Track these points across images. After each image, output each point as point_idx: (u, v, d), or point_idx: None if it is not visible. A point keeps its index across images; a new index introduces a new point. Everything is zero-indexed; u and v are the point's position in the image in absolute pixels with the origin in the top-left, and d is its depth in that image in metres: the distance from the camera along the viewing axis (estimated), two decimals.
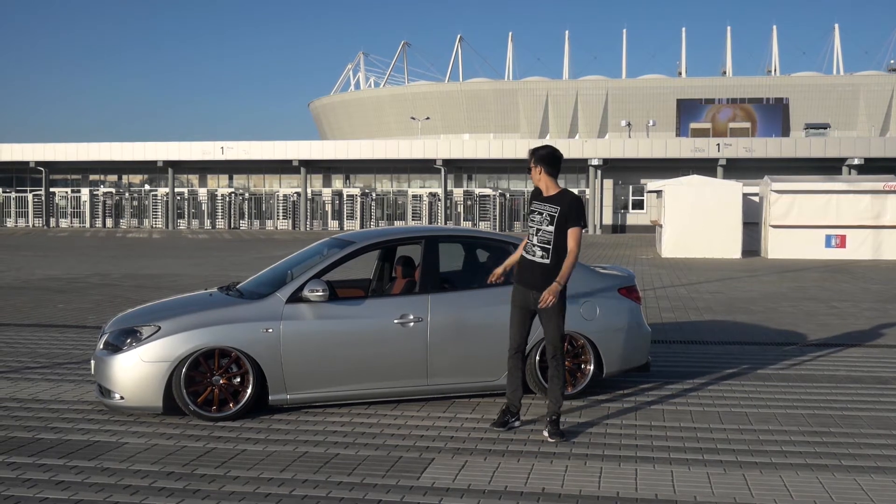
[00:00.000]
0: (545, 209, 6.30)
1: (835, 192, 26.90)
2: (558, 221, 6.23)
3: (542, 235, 6.28)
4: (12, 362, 9.09)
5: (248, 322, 6.78)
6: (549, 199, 6.33)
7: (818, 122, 63.48)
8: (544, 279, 6.25)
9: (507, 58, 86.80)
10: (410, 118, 73.11)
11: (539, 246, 6.29)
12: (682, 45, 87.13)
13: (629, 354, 7.77)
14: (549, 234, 6.25)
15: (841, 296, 16.23)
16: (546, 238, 6.26)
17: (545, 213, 6.29)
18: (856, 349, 10.24)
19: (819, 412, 7.10)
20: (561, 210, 6.24)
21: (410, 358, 7.06)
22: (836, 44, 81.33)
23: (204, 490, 5.14)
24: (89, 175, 59.43)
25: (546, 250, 6.26)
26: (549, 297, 6.14)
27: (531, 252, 6.35)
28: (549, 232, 6.25)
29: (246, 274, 15.01)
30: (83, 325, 11.85)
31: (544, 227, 6.27)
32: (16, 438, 6.22)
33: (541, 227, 6.29)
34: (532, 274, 6.33)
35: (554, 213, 6.25)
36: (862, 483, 5.32)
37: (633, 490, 5.18)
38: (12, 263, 23.72)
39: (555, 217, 6.24)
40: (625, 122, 62.02)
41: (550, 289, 6.14)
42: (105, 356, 6.79)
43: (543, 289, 6.20)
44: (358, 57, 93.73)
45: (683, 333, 11.41)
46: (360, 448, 6.03)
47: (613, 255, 29.12)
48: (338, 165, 55.67)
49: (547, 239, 6.25)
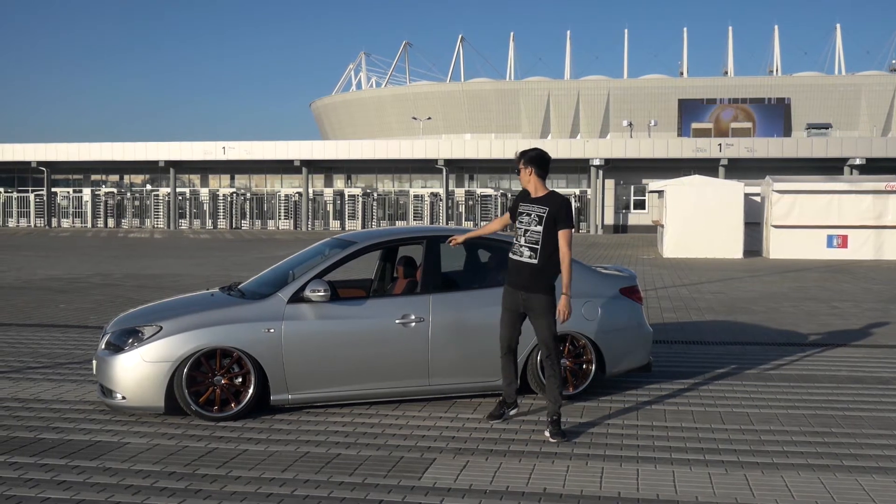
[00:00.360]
0: (534, 210, 6.34)
1: (836, 193, 26.89)
2: (547, 222, 6.28)
3: (531, 236, 6.31)
4: (14, 362, 9.10)
5: (249, 322, 6.79)
6: (538, 201, 6.38)
7: (820, 122, 63.45)
8: (533, 279, 6.29)
9: (509, 58, 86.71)
10: (412, 118, 73.11)
11: (527, 246, 6.32)
12: (684, 45, 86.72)
13: (631, 354, 7.77)
14: (538, 234, 6.29)
15: (842, 296, 16.23)
16: (534, 238, 6.29)
17: (533, 214, 6.33)
18: (857, 349, 10.24)
19: (820, 412, 7.10)
20: (550, 211, 6.29)
21: (412, 358, 7.06)
22: (837, 44, 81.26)
23: (206, 490, 5.15)
24: (91, 175, 59.46)
25: (534, 250, 6.29)
26: (566, 311, 6.26)
27: (519, 253, 6.38)
28: (538, 232, 6.28)
29: (247, 274, 15.01)
30: (85, 325, 11.86)
31: (532, 227, 6.31)
32: (18, 438, 6.23)
33: (529, 228, 6.32)
34: (519, 275, 6.37)
35: (542, 214, 6.29)
36: (863, 483, 5.32)
37: (635, 490, 5.18)
38: (14, 263, 23.74)
39: (543, 217, 6.29)
40: (626, 122, 61.93)
41: (563, 304, 6.22)
42: (107, 356, 6.79)
43: (531, 289, 6.29)
44: (359, 57, 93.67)
45: (685, 333, 11.41)
46: (361, 448, 6.03)
47: (615, 256, 29.12)
48: (339, 165, 55.68)
49: (535, 239, 6.29)
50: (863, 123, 71.06)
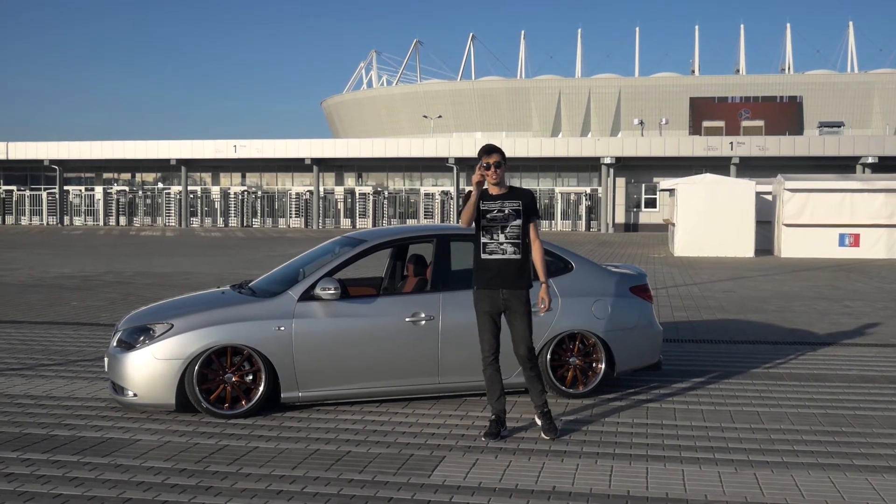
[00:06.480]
0: (507, 206, 6.27)
1: (849, 191, 26.76)
2: (523, 215, 6.27)
3: (512, 230, 6.25)
4: (27, 359, 9.16)
5: (260, 320, 6.81)
6: (507, 196, 6.31)
7: (832, 121, 63.16)
8: (518, 276, 6.24)
9: (520, 56, 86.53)
10: (423, 116, 73.11)
11: (510, 242, 6.24)
12: (696, 43, 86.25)
13: (640, 353, 7.77)
14: (518, 228, 6.25)
15: (854, 295, 16.16)
16: (515, 233, 6.25)
17: (508, 210, 6.26)
18: (869, 349, 10.20)
19: (831, 412, 7.08)
20: (524, 203, 6.30)
21: (422, 356, 7.08)
22: (850, 41, 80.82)
23: (216, 487, 5.17)
24: (103, 173, 59.69)
25: (517, 245, 6.25)
26: (548, 299, 6.28)
27: (501, 251, 6.24)
28: (518, 226, 6.25)
29: (258, 272, 15.05)
30: (97, 323, 11.92)
31: (511, 222, 6.24)
32: (30, 435, 6.27)
33: (508, 223, 6.24)
34: (501, 273, 6.23)
35: (518, 208, 6.27)
36: (874, 483, 5.31)
37: (644, 489, 5.18)
38: (27, 261, 23.87)
39: (520, 211, 6.27)
40: (637, 121, 61.77)
41: (544, 292, 6.26)
42: (118, 353, 6.83)
43: (515, 286, 6.22)
44: (370, 55, 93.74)
45: (695, 332, 11.39)
46: (371, 446, 6.05)
47: (626, 254, 29.07)
48: (350, 164, 55.75)
49: (516, 234, 6.25)
50: (875, 122, 70.68)
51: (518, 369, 7.00)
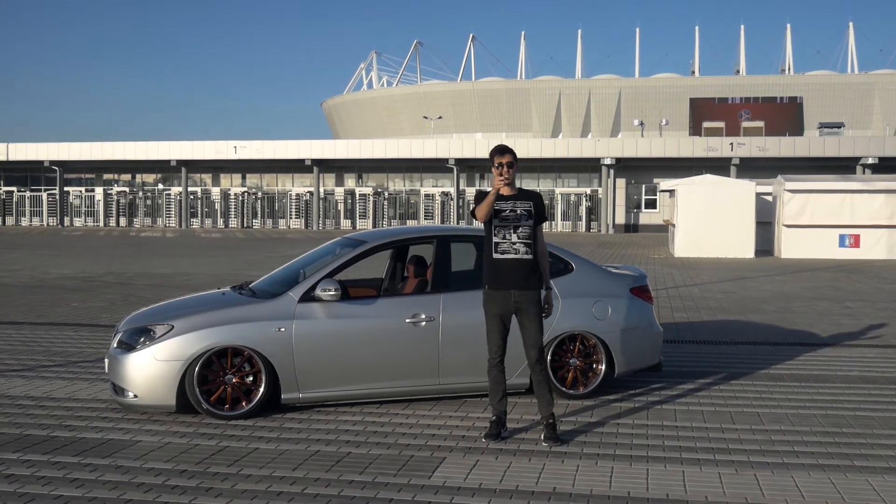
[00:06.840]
0: (519, 206, 6.27)
1: (849, 192, 26.77)
2: (534, 216, 6.28)
3: (524, 231, 6.24)
4: (27, 360, 9.16)
5: (260, 321, 6.82)
6: (518, 197, 6.31)
7: (832, 122, 63.16)
8: (530, 276, 6.24)
9: (520, 57, 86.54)
10: (423, 117, 73.11)
11: (522, 242, 6.24)
12: (696, 43, 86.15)
13: (641, 354, 7.77)
14: (529, 228, 6.26)
15: (855, 296, 16.16)
16: (527, 233, 6.25)
17: (520, 210, 6.26)
18: (869, 349, 10.20)
19: (831, 413, 7.08)
20: (535, 205, 6.30)
21: (422, 357, 7.08)
22: (850, 42, 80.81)
23: (217, 488, 5.18)
24: (103, 174, 59.70)
25: (528, 245, 6.25)
26: (552, 305, 6.37)
27: (513, 251, 6.22)
28: (530, 227, 6.26)
29: (258, 273, 15.05)
30: (97, 324, 11.92)
31: (524, 222, 6.25)
32: (30, 436, 6.27)
33: (520, 224, 6.24)
34: (514, 274, 6.21)
35: (529, 209, 6.27)
36: (874, 484, 5.31)
37: (645, 490, 5.18)
38: (27, 262, 23.87)
39: (531, 212, 6.27)
40: (637, 122, 61.76)
41: (549, 297, 6.35)
42: (119, 355, 6.84)
43: (527, 287, 6.21)
44: (371, 56, 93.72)
45: (695, 333, 11.39)
46: (371, 447, 6.05)
47: (626, 255, 29.07)
48: (350, 165, 55.75)
49: (528, 234, 6.25)
50: (876, 122, 70.66)
51: (519, 370, 7.02)
